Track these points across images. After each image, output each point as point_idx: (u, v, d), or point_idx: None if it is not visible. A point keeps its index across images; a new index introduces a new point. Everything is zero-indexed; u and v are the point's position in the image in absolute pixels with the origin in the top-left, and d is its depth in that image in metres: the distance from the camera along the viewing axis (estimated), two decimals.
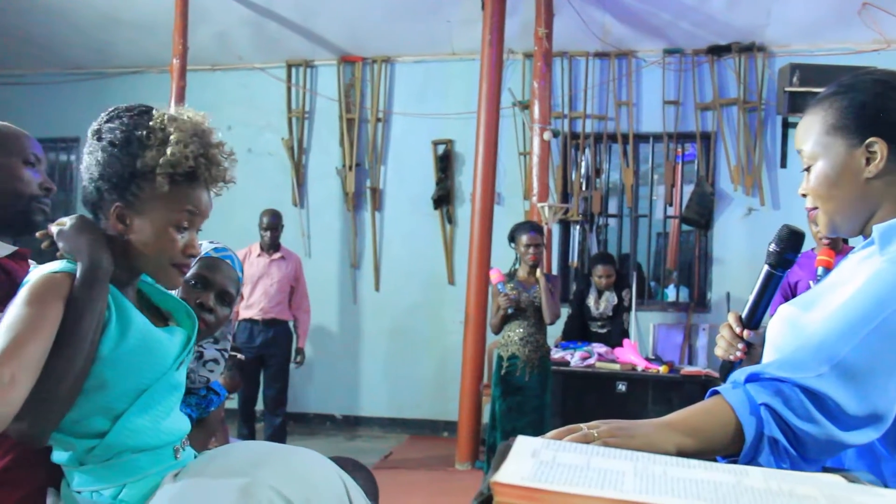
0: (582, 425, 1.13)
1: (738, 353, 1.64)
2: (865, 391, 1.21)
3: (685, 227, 7.98)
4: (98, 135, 1.74)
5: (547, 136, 6.78)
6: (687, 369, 5.88)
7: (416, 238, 8.10)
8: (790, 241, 1.61)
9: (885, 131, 1.41)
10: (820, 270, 3.70)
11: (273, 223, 6.45)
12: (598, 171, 7.93)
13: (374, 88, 8.25)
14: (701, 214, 7.48)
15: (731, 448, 1.20)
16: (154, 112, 1.74)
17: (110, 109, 1.77)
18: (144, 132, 1.69)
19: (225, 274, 2.12)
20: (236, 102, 8.37)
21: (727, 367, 1.67)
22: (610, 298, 6.57)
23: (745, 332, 1.65)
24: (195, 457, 1.81)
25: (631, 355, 5.85)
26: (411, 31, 7.79)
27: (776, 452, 1.18)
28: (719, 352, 1.69)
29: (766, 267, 1.64)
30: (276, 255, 6.45)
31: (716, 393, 1.27)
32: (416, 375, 8.04)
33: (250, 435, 6.32)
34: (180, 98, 7.15)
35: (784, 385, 1.21)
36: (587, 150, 7.87)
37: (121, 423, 1.66)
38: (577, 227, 7.91)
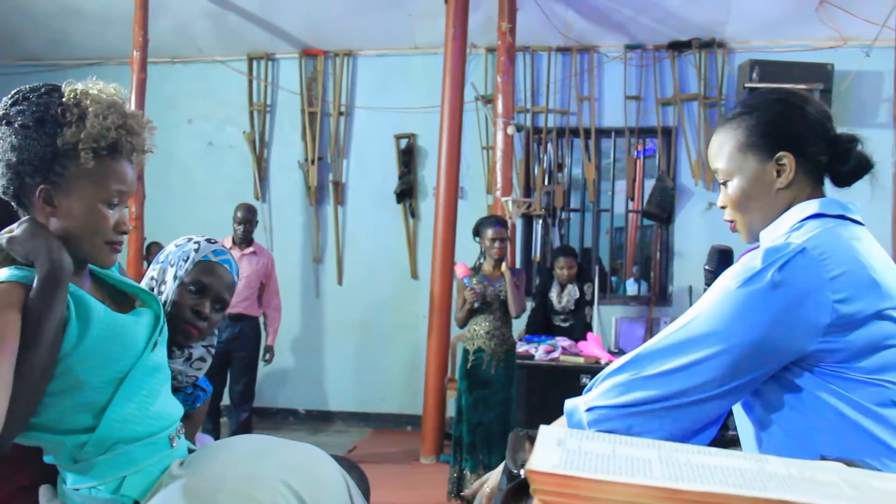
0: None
1: None
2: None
3: (646, 222, 8.05)
4: (6, 119, 1.67)
5: (510, 130, 6.80)
6: None
7: (379, 232, 8.09)
8: (721, 259, 1.74)
9: (790, 145, 1.58)
10: None
11: (247, 217, 6.38)
12: (560, 165, 7.97)
13: (336, 82, 8.22)
14: (662, 209, 7.56)
15: None
16: (63, 89, 1.70)
17: (13, 93, 1.71)
18: (59, 109, 1.65)
19: (222, 280, 2.04)
20: (197, 95, 8.29)
21: None
22: (572, 292, 6.62)
23: None
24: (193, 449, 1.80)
25: (595, 349, 5.91)
26: (373, 24, 7.76)
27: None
28: None
29: (704, 287, 1.76)
30: (248, 250, 6.38)
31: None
32: (380, 370, 8.04)
33: (214, 430, 6.26)
34: (141, 91, 7.06)
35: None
36: (549, 145, 7.91)
37: (108, 415, 1.63)
38: (540, 221, 7.95)
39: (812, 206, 1.56)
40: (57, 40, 8.21)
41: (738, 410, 1.62)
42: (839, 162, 1.59)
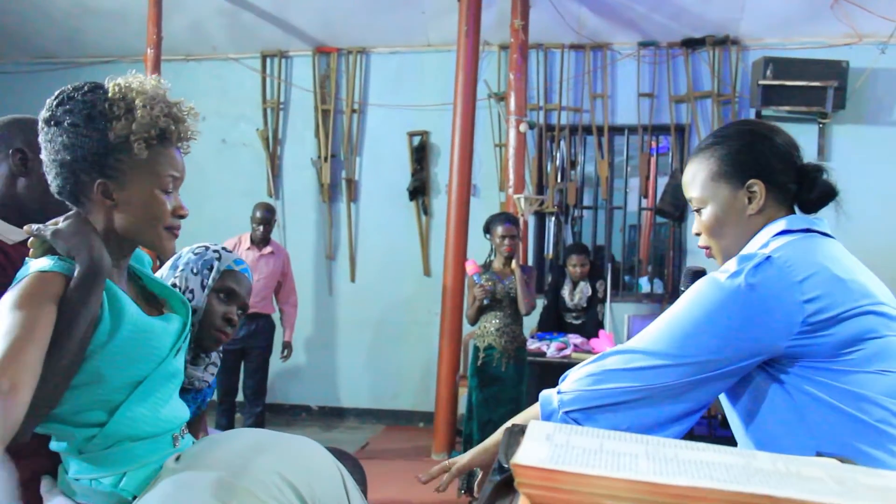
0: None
1: None
2: None
3: (659, 219, 8.03)
4: (54, 120, 1.70)
5: (523, 128, 6.80)
6: None
7: (391, 229, 8.10)
8: (695, 280, 1.77)
9: (761, 172, 1.67)
10: None
11: (266, 217, 6.40)
12: (573, 162, 7.96)
13: (350, 79, 8.23)
14: (675, 206, 7.53)
15: None
16: (106, 85, 1.73)
17: (56, 94, 1.74)
18: (106, 105, 1.68)
19: (246, 288, 2.14)
20: (210, 93, 8.31)
21: None
22: (584, 290, 6.61)
23: None
24: (193, 443, 1.81)
25: (606, 346, 5.90)
26: (386, 21, 7.77)
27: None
28: None
29: None
30: (267, 250, 6.41)
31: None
32: (392, 366, 8.05)
33: (229, 425, 6.30)
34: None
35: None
36: (562, 142, 7.90)
37: (120, 413, 1.65)
38: (553, 218, 7.94)
39: (780, 224, 1.64)
40: (72, 38, 8.26)
41: (726, 407, 1.68)
42: (805, 190, 1.68)
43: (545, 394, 1.54)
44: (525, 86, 6.98)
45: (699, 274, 1.93)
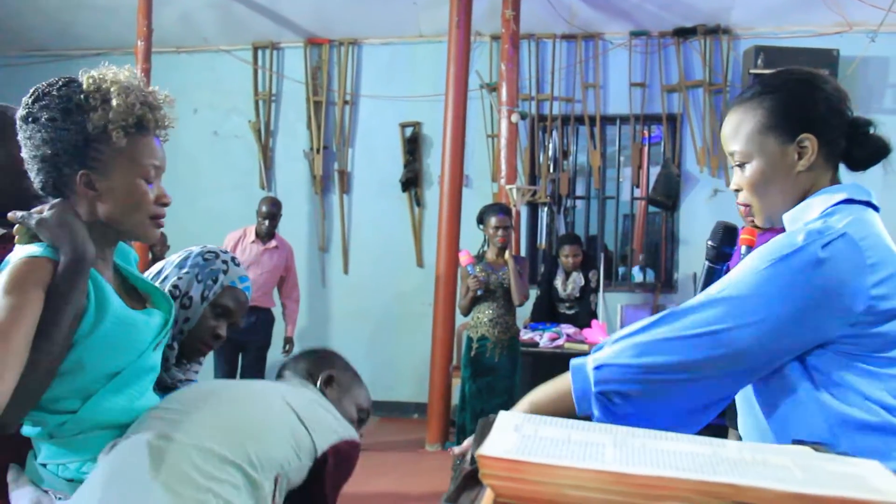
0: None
1: None
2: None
3: (651, 209, 8.04)
4: (31, 117, 1.70)
5: (514, 118, 6.80)
6: None
7: (384, 221, 8.10)
8: (725, 237, 1.71)
9: (813, 127, 1.53)
10: (743, 249, 3.76)
11: (272, 211, 6.39)
12: (565, 153, 7.96)
13: (341, 71, 8.21)
14: (667, 196, 7.54)
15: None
16: (80, 78, 1.74)
17: (31, 92, 1.74)
18: (82, 97, 1.68)
19: (243, 307, 2.11)
20: (202, 85, 8.29)
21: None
22: (577, 280, 6.61)
23: None
24: None
25: (599, 336, 5.91)
26: (378, 12, 7.75)
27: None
28: None
29: (706, 262, 1.73)
30: (271, 244, 6.39)
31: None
32: (385, 358, 8.05)
33: None
34: (146, 81, 7.06)
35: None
36: (554, 133, 7.90)
37: (93, 402, 1.66)
38: (545, 209, 7.95)
39: (841, 192, 1.52)
40: (63, 31, 8.24)
41: (740, 395, 1.58)
42: (857, 146, 1.56)
43: (577, 364, 1.43)
44: (517, 76, 6.98)
45: (731, 231, 1.79)
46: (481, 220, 5.64)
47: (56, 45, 8.41)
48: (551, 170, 7.90)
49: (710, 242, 1.75)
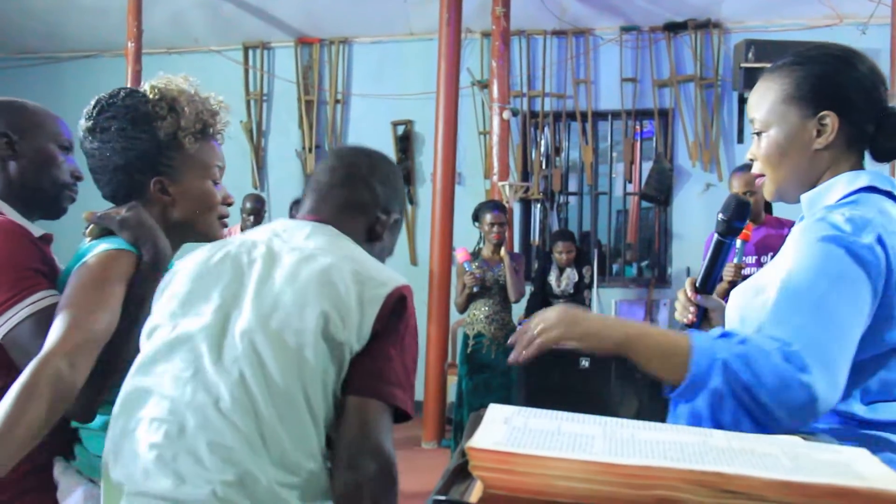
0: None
1: (690, 317, 1.73)
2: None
3: (644, 204, 8.05)
4: (98, 128, 1.76)
5: (506, 115, 6.80)
6: None
7: None
8: (737, 210, 1.69)
9: (838, 105, 1.47)
10: (738, 243, 3.75)
11: (256, 208, 6.42)
12: (557, 149, 7.97)
13: (332, 70, 8.21)
14: (660, 191, 7.55)
15: (670, 373, 1.27)
16: (142, 88, 1.81)
17: (92, 104, 1.80)
18: (149, 107, 1.76)
19: None
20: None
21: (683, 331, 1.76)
22: (571, 275, 6.61)
23: (695, 297, 1.73)
24: None
25: None
26: (368, 11, 7.75)
27: (718, 405, 1.21)
28: (677, 315, 1.78)
29: (715, 235, 1.71)
30: None
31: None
32: None
33: None
34: (136, 82, 7.06)
35: (753, 348, 1.22)
36: (546, 129, 7.90)
37: None
38: (538, 205, 7.95)
39: (863, 177, 1.48)
40: (53, 33, 8.22)
41: None
42: (885, 135, 1.50)
43: (700, 340, 1.28)
44: (508, 73, 6.98)
45: (744, 205, 1.74)
46: (477, 217, 5.65)
47: (46, 48, 8.39)
48: (543, 166, 7.91)
49: (721, 215, 1.71)
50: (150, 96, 1.77)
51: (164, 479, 1.37)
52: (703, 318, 1.74)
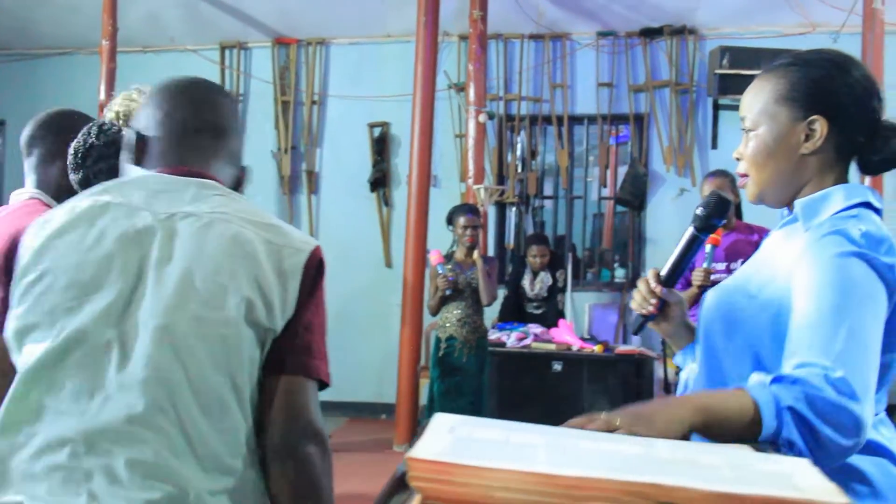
0: (602, 414, 1.11)
1: (651, 308, 1.68)
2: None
3: (619, 208, 8.08)
4: (89, 176, 1.85)
5: (482, 118, 6.80)
6: (621, 348, 5.97)
7: (353, 221, 8.08)
8: (717, 207, 1.65)
9: (828, 111, 1.45)
10: (708, 248, 3.76)
11: None
12: (533, 152, 7.99)
13: (309, 71, 8.20)
14: (634, 195, 7.58)
15: (745, 434, 1.18)
16: (106, 118, 1.93)
17: (72, 154, 1.87)
18: (121, 134, 1.81)
19: None
20: None
21: (640, 322, 1.73)
22: (545, 279, 6.63)
23: (659, 289, 1.67)
24: None
25: (566, 335, 5.92)
26: (345, 12, 7.74)
27: (793, 452, 1.18)
28: (633, 305, 1.72)
29: (690, 229, 1.67)
30: None
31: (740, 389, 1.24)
32: (354, 358, 8.01)
33: None
34: (110, 81, 7.02)
35: (808, 387, 1.18)
36: (522, 132, 7.92)
37: None
38: (514, 209, 7.97)
39: (860, 191, 1.46)
40: (24, 28, 8.13)
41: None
42: (873, 147, 1.48)
43: (761, 394, 1.21)
44: (484, 76, 6.99)
45: (725, 202, 1.71)
46: (450, 220, 5.65)
47: (17, 44, 8.30)
48: (519, 169, 7.93)
49: (700, 210, 1.67)
50: (119, 123, 1.80)
51: (75, 501, 1.22)
52: (661, 312, 1.69)
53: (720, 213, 1.66)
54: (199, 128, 1.53)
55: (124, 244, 1.33)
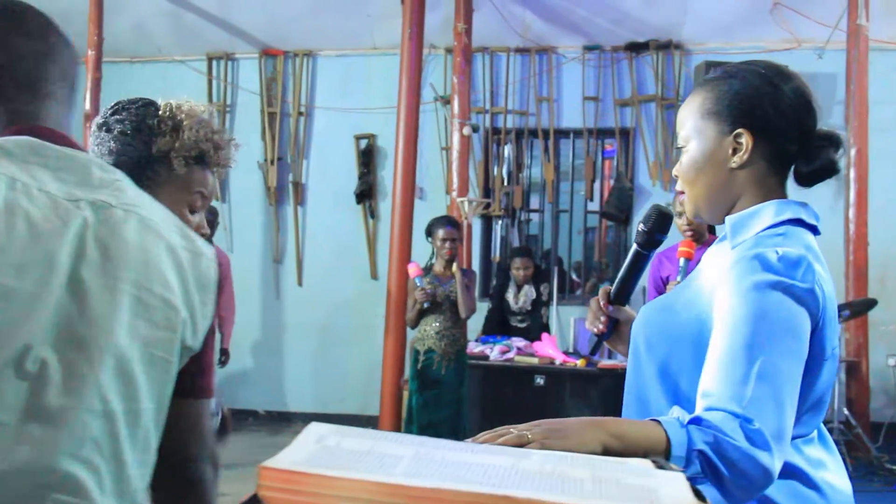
0: (513, 427, 1.09)
1: (601, 326, 1.68)
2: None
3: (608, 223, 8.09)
4: (105, 127, 1.75)
5: (466, 131, 6.81)
6: (604, 363, 5.93)
7: (338, 233, 8.08)
8: (657, 222, 1.62)
9: (753, 124, 1.42)
10: (682, 262, 3.76)
11: (208, 219, 6.31)
12: (519, 166, 7.99)
13: (296, 82, 8.21)
14: (620, 209, 7.58)
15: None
16: (159, 103, 1.79)
17: (114, 104, 1.80)
18: (155, 121, 1.73)
19: None
20: (155, 96, 7.86)
21: (594, 342, 1.76)
22: (529, 293, 6.63)
23: (606, 307, 1.68)
24: None
25: (549, 349, 5.91)
26: (332, 24, 7.76)
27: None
28: (587, 324, 1.73)
29: (634, 246, 1.66)
30: None
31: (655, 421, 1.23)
32: (339, 370, 8.02)
33: None
34: (96, 91, 7.02)
35: (720, 434, 1.18)
36: (509, 146, 7.92)
37: None
38: (500, 222, 7.96)
39: (791, 208, 1.43)
40: None
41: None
42: (803, 158, 1.45)
43: (675, 433, 1.21)
44: (469, 89, 7.00)
45: (666, 217, 1.69)
46: (429, 232, 5.63)
47: None
48: (505, 183, 7.93)
49: (641, 226, 1.65)
50: (161, 112, 1.75)
51: None
52: (613, 330, 1.70)
53: (661, 227, 1.64)
54: (62, 78, 1.29)
55: (48, 242, 1.05)
